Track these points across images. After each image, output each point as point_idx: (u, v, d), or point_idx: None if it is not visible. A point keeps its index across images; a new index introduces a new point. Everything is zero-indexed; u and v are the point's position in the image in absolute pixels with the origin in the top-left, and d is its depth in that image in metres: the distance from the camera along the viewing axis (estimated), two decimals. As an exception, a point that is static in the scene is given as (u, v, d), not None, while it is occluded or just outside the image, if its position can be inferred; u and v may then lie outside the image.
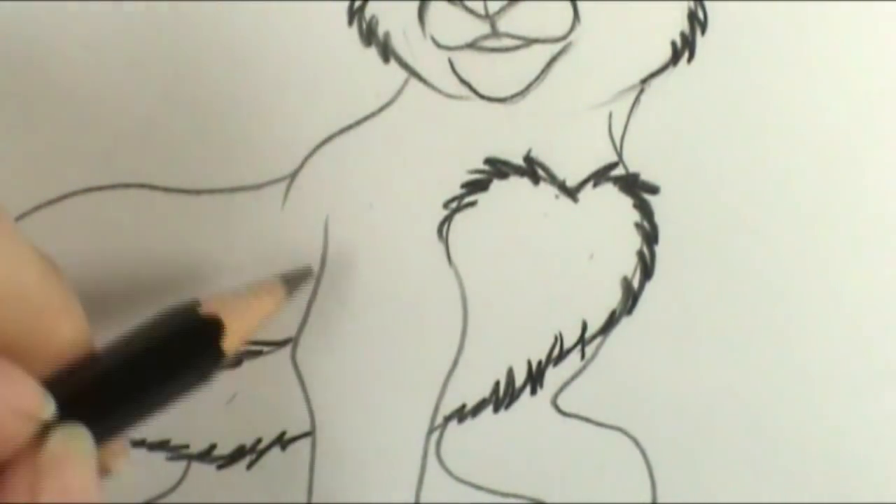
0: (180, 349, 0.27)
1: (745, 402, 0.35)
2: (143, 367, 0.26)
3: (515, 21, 0.31)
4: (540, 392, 0.35)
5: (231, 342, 0.28)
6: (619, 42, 0.32)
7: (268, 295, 0.29)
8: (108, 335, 0.27)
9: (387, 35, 0.31)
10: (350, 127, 0.32)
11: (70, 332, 0.25)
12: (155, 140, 0.32)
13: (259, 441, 0.34)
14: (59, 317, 0.25)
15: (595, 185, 0.33)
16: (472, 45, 0.31)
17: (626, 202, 0.33)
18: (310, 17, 0.31)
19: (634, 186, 0.33)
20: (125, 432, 0.26)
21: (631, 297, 0.34)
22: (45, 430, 0.23)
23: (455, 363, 0.34)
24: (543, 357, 0.34)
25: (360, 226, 0.33)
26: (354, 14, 0.31)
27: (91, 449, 0.24)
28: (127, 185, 0.32)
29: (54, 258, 0.25)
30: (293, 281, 0.31)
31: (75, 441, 0.24)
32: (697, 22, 0.32)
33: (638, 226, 0.33)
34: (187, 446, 0.34)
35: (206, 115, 0.32)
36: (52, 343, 0.25)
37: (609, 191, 0.33)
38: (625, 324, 0.34)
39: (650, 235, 0.33)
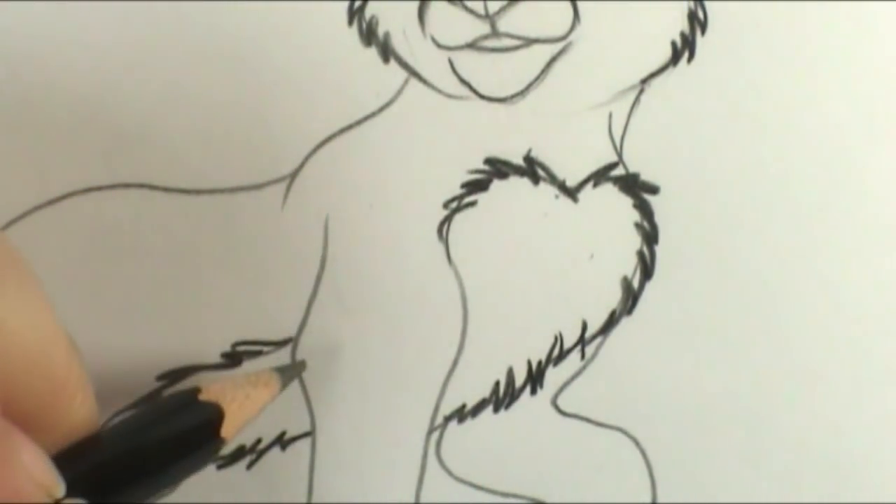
0: (181, 436, 0.28)
1: (744, 402, 0.35)
2: (145, 453, 0.27)
3: (515, 21, 0.31)
4: (540, 392, 0.34)
5: (229, 430, 0.29)
6: (619, 42, 0.32)
7: (265, 386, 0.30)
8: (108, 335, 0.27)
9: (387, 35, 0.31)
10: (350, 127, 0.32)
11: (82, 411, 0.25)
12: (155, 140, 0.32)
13: (259, 441, 0.34)
14: (75, 395, 0.25)
15: (595, 185, 0.33)
16: (472, 45, 0.31)
17: (626, 202, 0.33)
18: (310, 17, 0.31)
19: (634, 186, 0.33)
20: None
21: (631, 297, 0.34)
22: None
23: (455, 363, 0.34)
24: (543, 357, 0.34)
25: (360, 226, 0.33)
26: (354, 14, 0.31)
27: None
28: (127, 185, 0.32)
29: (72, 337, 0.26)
30: (288, 374, 0.32)
31: None
32: (697, 22, 0.32)
33: (638, 226, 0.33)
34: (187, 446, 0.34)
35: (206, 115, 0.32)
36: (66, 421, 0.25)
37: (609, 191, 0.33)
38: (625, 324, 0.34)
39: (650, 235, 0.33)
